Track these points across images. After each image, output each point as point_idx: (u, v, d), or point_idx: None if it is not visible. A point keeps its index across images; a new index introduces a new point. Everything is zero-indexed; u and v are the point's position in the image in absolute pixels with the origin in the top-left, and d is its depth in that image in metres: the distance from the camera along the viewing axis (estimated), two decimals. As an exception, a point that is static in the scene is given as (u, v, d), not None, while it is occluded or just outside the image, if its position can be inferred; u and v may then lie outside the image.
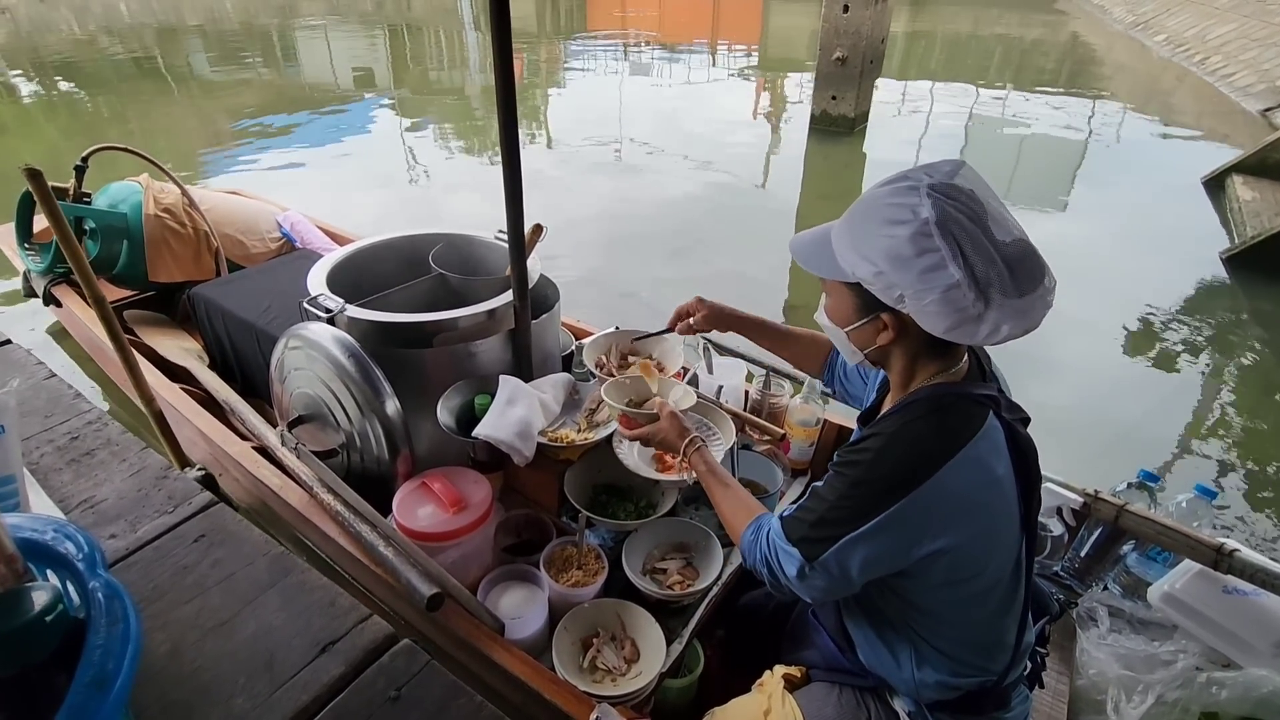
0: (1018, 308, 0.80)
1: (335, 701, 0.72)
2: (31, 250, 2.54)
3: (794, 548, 0.91)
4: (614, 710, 1.08)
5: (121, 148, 2.29)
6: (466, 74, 9.24)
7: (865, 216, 0.86)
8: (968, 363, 0.94)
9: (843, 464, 0.92)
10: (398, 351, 1.49)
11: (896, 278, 0.82)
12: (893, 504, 0.84)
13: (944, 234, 0.79)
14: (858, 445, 0.92)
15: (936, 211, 0.79)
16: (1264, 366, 3.21)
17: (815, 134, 6.14)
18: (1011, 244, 0.81)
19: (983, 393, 0.90)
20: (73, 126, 6.48)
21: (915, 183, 0.82)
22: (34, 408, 1.12)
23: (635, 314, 3.30)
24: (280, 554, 0.88)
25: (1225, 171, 4.89)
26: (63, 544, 0.56)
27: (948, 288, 0.79)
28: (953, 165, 0.85)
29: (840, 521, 0.87)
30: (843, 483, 0.89)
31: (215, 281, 2.26)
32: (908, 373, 0.94)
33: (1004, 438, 0.90)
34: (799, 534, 0.92)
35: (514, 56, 6.41)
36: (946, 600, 0.93)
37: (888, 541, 0.86)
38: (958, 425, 0.87)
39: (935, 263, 0.79)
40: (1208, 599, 1.39)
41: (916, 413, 0.89)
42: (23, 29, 11.25)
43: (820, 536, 0.89)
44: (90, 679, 0.46)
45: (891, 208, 0.82)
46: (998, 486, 0.88)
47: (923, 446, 0.85)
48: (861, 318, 0.91)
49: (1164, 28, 11.17)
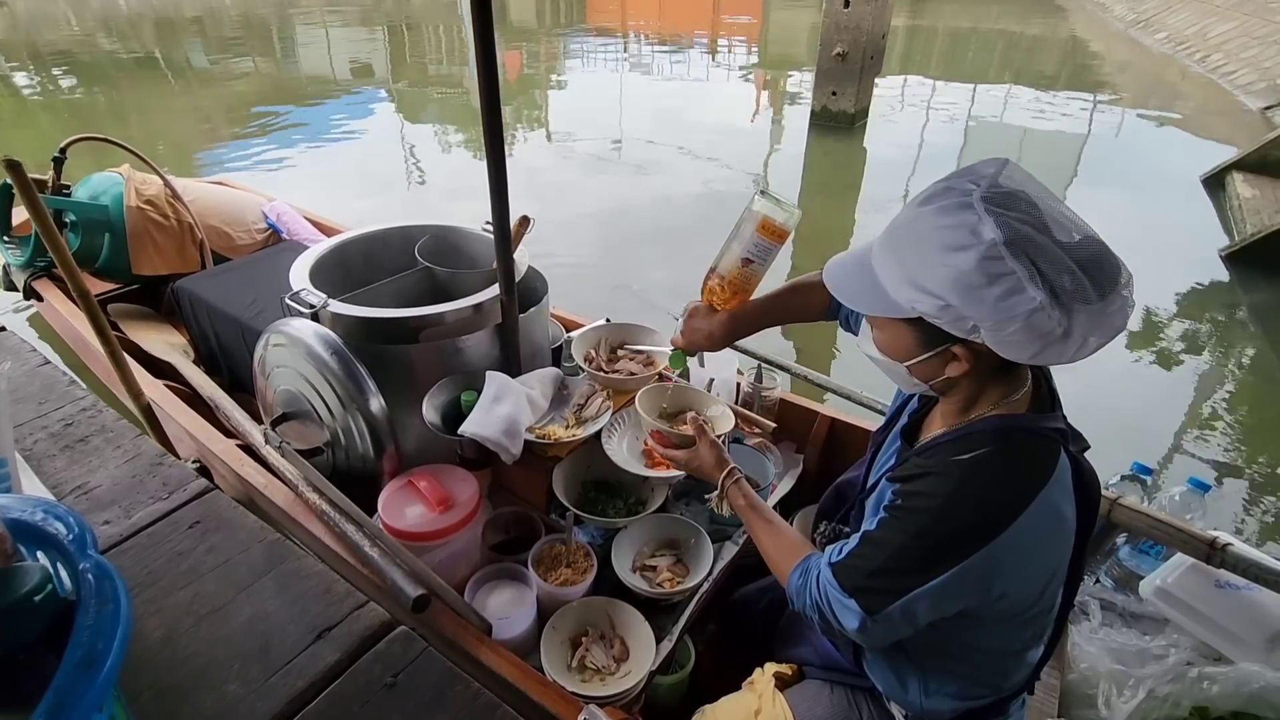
0: (1102, 314, 0.72)
1: (331, 688, 0.72)
2: (10, 244, 2.50)
3: (851, 599, 0.84)
4: (601, 711, 1.07)
5: (101, 138, 2.24)
6: (465, 70, 9.20)
7: (916, 243, 0.76)
8: (1031, 385, 0.88)
9: (902, 508, 0.83)
10: (383, 347, 1.46)
11: (968, 310, 0.72)
12: (965, 558, 0.77)
13: (1015, 254, 0.70)
14: (914, 484, 0.83)
15: (1003, 230, 0.70)
16: (1261, 362, 3.22)
17: (815, 129, 6.13)
18: (1080, 244, 0.72)
19: (1052, 426, 0.84)
20: (68, 120, 6.44)
21: (964, 196, 0.73)
22: (28, 394, 1.12)
23: (627, 306, 3.29)
24: (275, 540, 0.88)
25: (1225, 169, 4.89)
26: (52, 524, 0.55)
27: (1030, 313, 0.70)
28: (996, 165, 0.76)
29: (905, 573, 0.80)
30: (904, 531, 0.81)
31: (200, 275, 2.22)
32: (971, 400, 0.87)
33: (1070, 476, 0.84)
34: (855, 583, 0.84)
35: (514, 51, 6.34)
36: (983, 635, 0.89)
37: (958, 593, 0.80)
38: (1032, 470, 0.80)
39: (1012, 287, 0.70)
40: (1200, 593, 1.38)
41: (982, 451, 0.81)
42: (20, 23, 11.19)
43: (882, 588, 0.82)
44: (79, 659, 0.46)
45: (947, 230, 0.73)
46: (1065, 533, 0.83)
47: (996, 496, 0.78)
48: (925, 351, 0.82)
49: (1165, 25, 11.15)
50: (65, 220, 2.30)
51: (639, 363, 1.63)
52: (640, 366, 1.61)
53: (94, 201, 2.30)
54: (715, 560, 1.39)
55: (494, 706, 0.72)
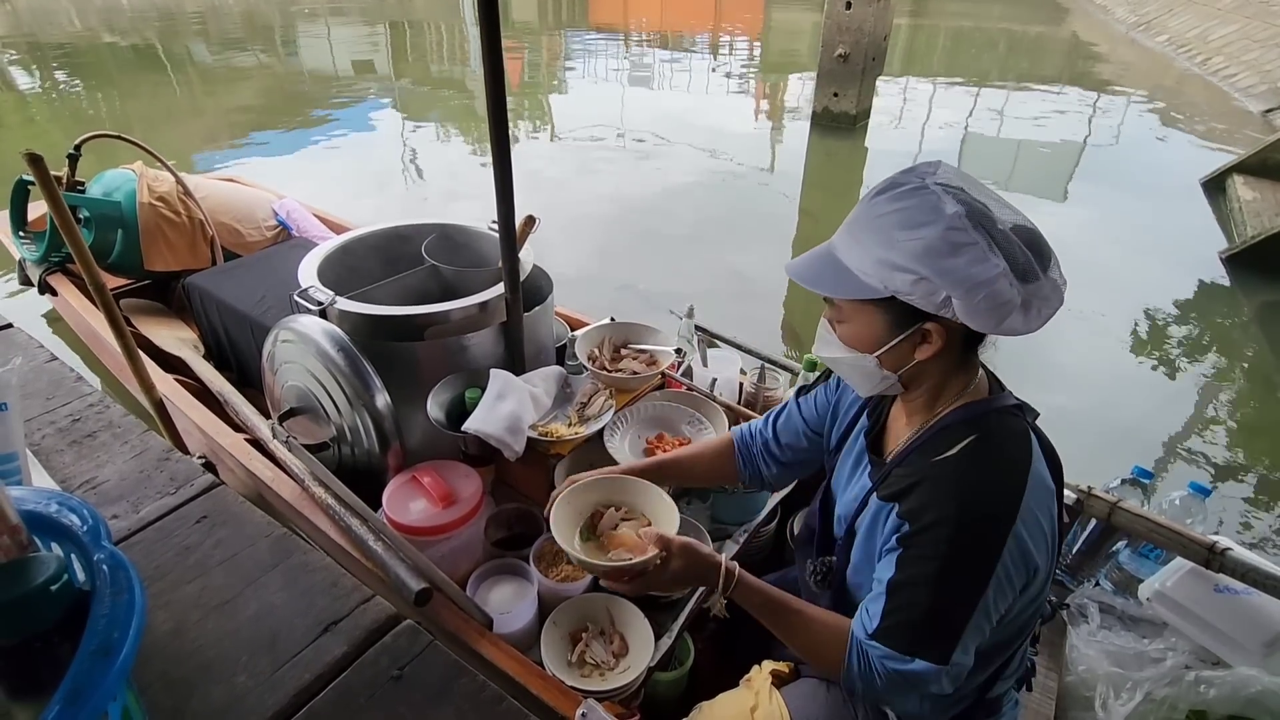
0: (1046, 288, 0.78)
1: (338, 680, 0.72)
2: (26, 239, 2.53)
3: (914, 660, 0.79)
4: (600, 706, 1.08)
5: (115, 135, 2.27)
6: (468, 69, 9.20)
7: (878, 226, 0.80)
8: (984, 374, 0.90)
9: (918, 535, 0.80)
10: (389, 345, 1.48)
11: (940, 280, 0.76)
12: (999, 555, 0.77)
13: (975, 224, 0.75)
14: (914, 500, 0.82)
15: (962, 205, 0.76)
16: (1262, 366, 3.22)
17: (817, 131, 6.14)
18: (1017, 227, 0.79)
19: (1013, 403, 0.87)
20: (71, 117, 6.46)
21: (917, 183, 0.79)
22: (35, 390, 1.13)
23: (632, 306, 3.31)
24: (282, 535, 0.88)
25: (1226, 172, 4.90)
26: (66, 516, 0.56)
27: (995, 278, 0.75)
28: (933, 165, 0.82)
29: (957, 602, 0.78)
30: (933, 559, 0.79)
31: (210, 271, 2.25)
32: (936, 391, 0.89)
33: (1039, 448, 0.86)
34: (914, 640, 0.79)
35: (517, 54, 6.36)
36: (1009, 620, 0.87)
37: (1010, 581, 0.79)
38: (1015, 449, 0.82)
39: (976, 255, 0.75)
40: (1199, 597, 1.39)
41: (966, 442, 0.82)
42: (23, 20, 11.20)
43: (943, 631, 0.78)
44: (95, 647, 0.47)
45: (908, 211, 0.78)
46: (1052, 497, 0.84)
47: (999, 484, 0.80)
48: (897, 335, 0.84)
49: (1166, 28, 11.16)
50: (79, 216, 2.32)
51: (642, 362, 1.64)
52: (643, 366, 1.62)
53: (107, 198, 2.32)
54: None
55: (499, 699, 0.73)
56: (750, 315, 3.19)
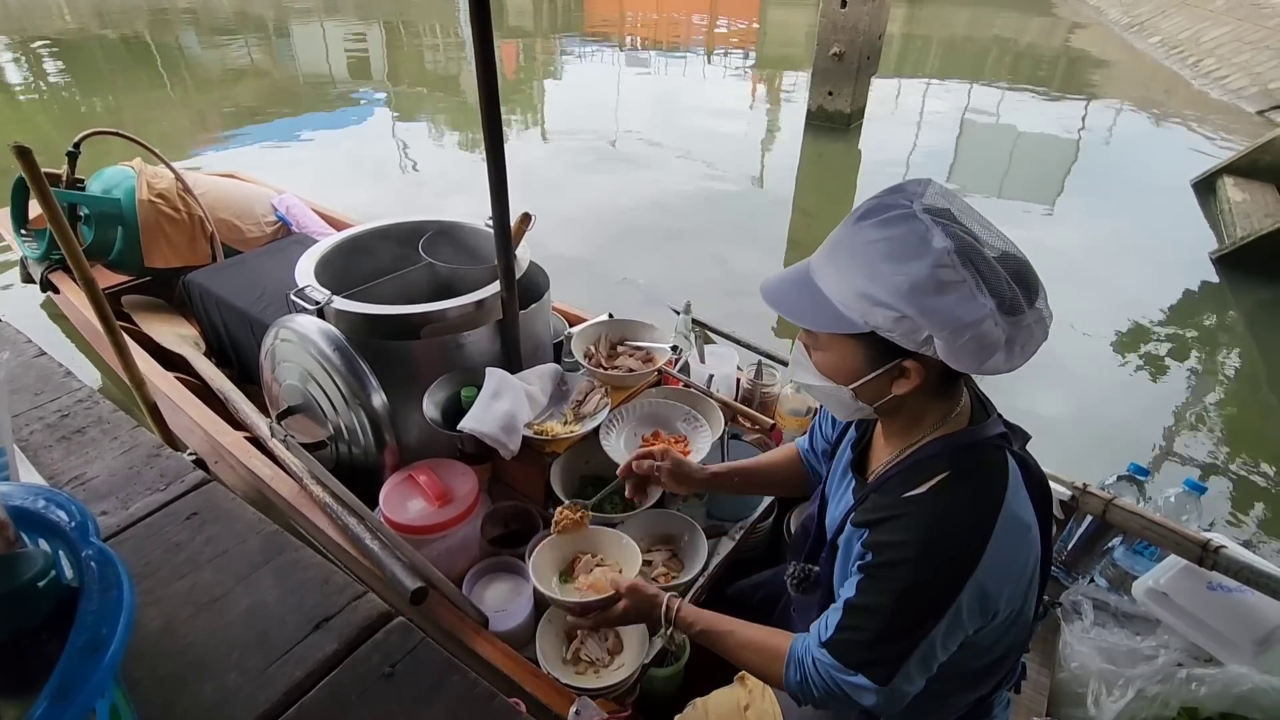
0: (1033, 322, 0.75)
1: (329, 677, 0.72)
2: (27, 236, 2.52)
3: (858, 675, 0.81)
4: (593, 703, 1.08)
5: (114, 132, 2.27)
6: (463, 65, 9.17)
7: (862, 255, 0.76)
8: (968, 399, 0.88)
9: (880, 567, 0.81)
10: (385, 343, 1.48)
11: (923, 320, 0.73)
12: (955, 596, 0.76)
13: (964, 262, 0.71)
14: (883, 533, 0.82)
15: (952, 239, 0.72)
16: (1252, 365, 3.25)
17: (811, 129, 6.14)
18: (1005, 256, 0.75)
19: (995, 433, 0.85)
20: (62, 112, 6.40)
21: (906, 208, 0.74)
22: (23, 385, 1.11)
23: (630, 301, 3.31)
24: (274, 532, 0.88)
25: (1216, 173, 4.94)
26: (54, 512, 0.55)
27: (981, 320, 0.72)
28: (923, 183, 0.78)
29: (904, 633, 0.79)
30: (889, 593, 0.79)
31: (210, 268, 2.25)
32: (915, 419, 0.87)
33: (1021, 477, 0.84)
34: (859, 658, 0.81)
35: (510, 49, 6.33)
36: (978, 651, 0.88)
37: (959, 626, 0.79)
38: (990, 487, 0.80)
39: (964, 295, 0.71)
40: (1192, 595, 1.39)
41: (938, 480, 0.81)
42: (13, 12, 11.09)
43: (888, 656, 0.79)
44: (83, 643, 0.46)
45: (894, 241, 0.73)
46: (1031, 537, 0.83)
47: (964, 526, 0.78)
48: (873, 370, 0.81)
49: (1159, 30, 11.23)
50: (80, 214, 2.32)
51: (638, 359, 1.63)
52: (639, 363, 1.62)
53: (107, 195, 2.32)
54: (711, 556, 1.39)
55: (490, 696, 0.72)
56: (746, 310, 3.19)
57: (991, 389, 0.94)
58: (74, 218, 2.31)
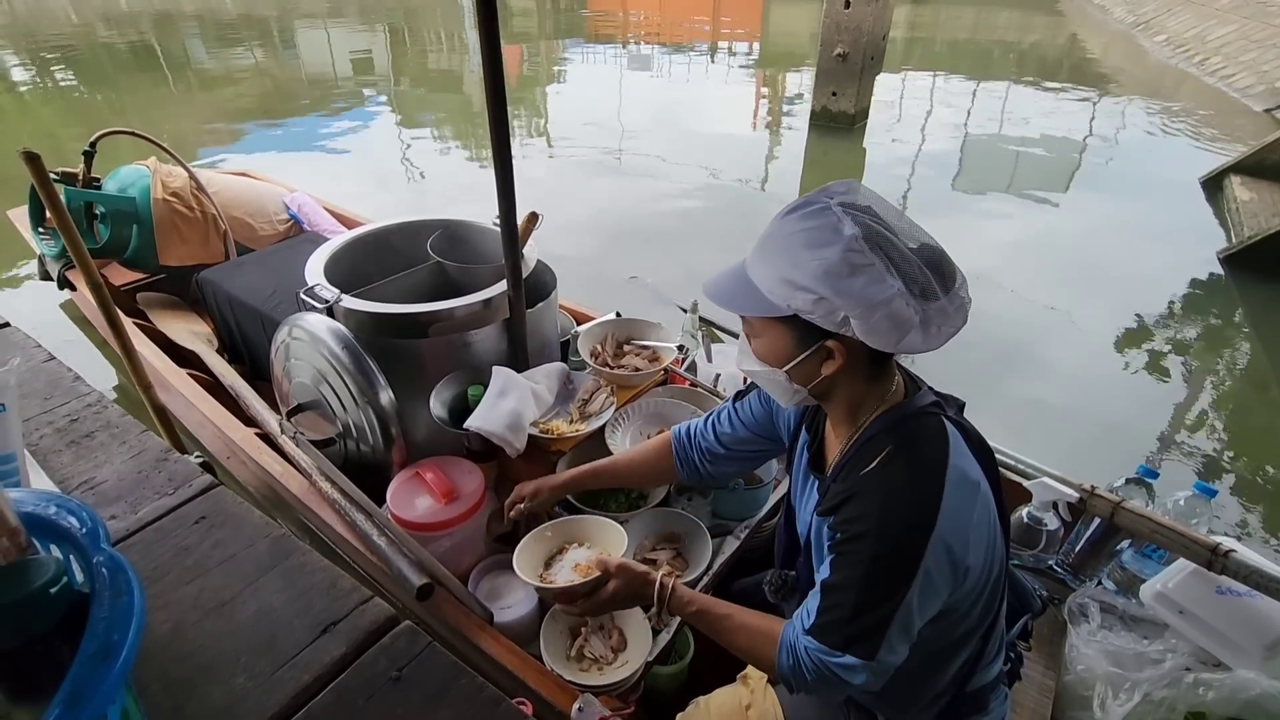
0: (948, 308, 0.81)
1: (337, 681, 0.72)
2: (45, 235, 2.56)
3: (845, 655, 0.84)
4: (596, 700, 1.09)
5: (130, 132, 2.30)
6: (466, 68, 9.19)
7: (784, 245, 0.83)
8: (900, 378, 0.94)
9: (846, 543, 0.85)
10: (394, 342, 1.49)
11: (839, 300, 0.79)
12: (920, 558, 0.80)
13: (872, 247, 0.78)
14: (843, 513, 0.87)
15: (860, 228, 0.79)
16: (1260, 365, 3.23)
17: (815, 130, 6.13)
18: (921, 249, 0.81)
19: (928, 402, 0.90)
20: (72, 116, 6.44)
21: (823, 204, 0.81)
22: (33, 390, 1.12)
23: (638, 300, 3.30)
24: (281, 536, 0.88)
25: (1223, 172, 4.91)
26: (65, 518, 0.56)
27: (890, 299, 0.78)
28: (847, 185, 0.85)
29: (880, 603, 0.82)
30: (856, 564, 0.84)
31: (222, 266, 2.27)
32: (854, 403, 0.92)
33: (961, 439, 0.88)
34: (842, 637, 0.85)
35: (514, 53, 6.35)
36: (958, 619, 0.91)
37: (934, 590, 0.83)
38: (931, 450, 0.85)
39: (873, 276, 0.78)
40: (1200, 599, 1.38)
41: (884, 453, 0.86)
42: (19, 17, 11.16)
43: (867, 629, 0.83)
44: (95, 650, 0.46)
45: (811, 231, 0.81)
46: (981, 491, 0.87)
47: (915, 489, 0.83)
48: (802, 351, 0.88)
49: (1164, 28, 11.17)
50: (96, 212, 2.35)
51: (645, 358, 1.64)
52: (646, 362, 1.62)
53: (122, 194, 2.35)
54: (715, 554, 1.40)
55: (498, 700, 0.72)
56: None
57: (993, 388, 0.94)
58: (90, 216, 2.35)
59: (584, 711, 1.06)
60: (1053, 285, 3.64)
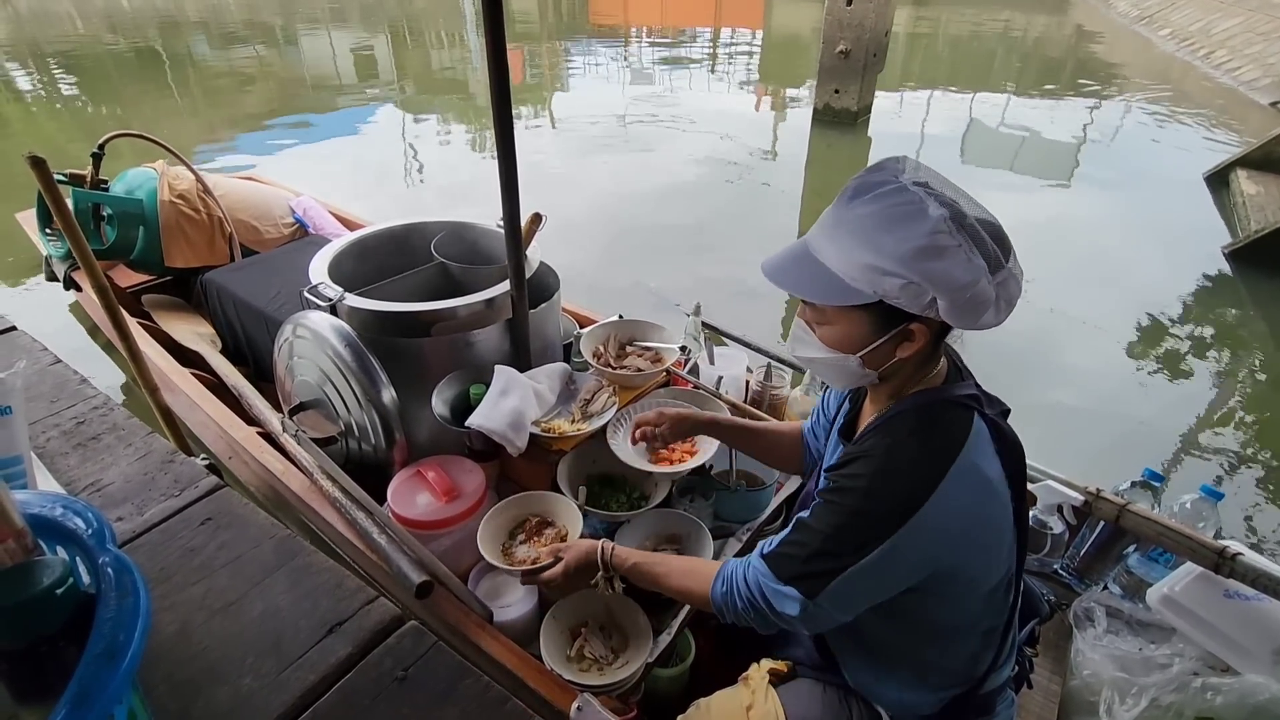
0: (1010, 278, 0.80)
1: (343, 681, 0.72)
2: (52, 236, 2.58)
3: (788, 586, 0.86)
4: (595, 700, 1.08)
5: (138, 134, 2.33)
6: (469, 69, 9.20)
7: (860, 229, 0.80)
8: (945, 362, 0.93)
9: (833, 491, 0.86)
10: (396, 341, 1.50)
11: (927, 283, 0.77)
12: (894, 531, 0.80)
13: (958, 227, 0.76)
14: (844, 470, 0.87)
15: (945, 207, 0.77)
16: (1267, 362, 3.20)
17: (818, 127, 6.12)
18: (983, 221, 0.80)
19: (965, 394, 0.88)
20: (75, 120, 6.47)
21: (895, 183, 0.79)
22: (40, 393, 1.13)
23: (641, 303, 3.32)
24: (286, 537, 0.88)
25: (1229, 166, 4.88)
26: (71, 520, 0.56)
27: (978, 279, 0.76)
28: (900, 160, 0.82)
29: (839, 554, 0.83)
30: (836, 513, 0.84)
31: (226, 267, 2.28)
32: (904, 381, 0.91)
33: (990, 438, 0.87)
34: (792, 571, 0.86)
35: (515, 50, 6.30)
36: (946, 612, 0.91)
37: (893, 568, 0.83)
38: (946, 437, 0.84)
39: (962, 258, 0.76)
40: (1207, 602, 1.36)
41: (903, 428, 0.86)
42: (24, 21, 11.23)
43: (819, 571, 0.84)
44: (101, 650, 0.47)
45: (890, 212, 0.78)
46: (993, 491, 0.85)
47: (916, 467, 0.82)
48: (880, 336, 0.85)
49: (1169, 22, 11.11)
50: (103, 214, 2.37)
51: (647, 359, 1.63)
52: (648, 363, 1.62)
53: (129, 196, 2.37)
54: (717, 557, 1.39)
55: (503, 699, 0.72)
56: (754, 312, 3.19)
57: (992, 387, 0.94)
58: (97, 218, 2.37)
59: (583, 711, 1.06)
60: (1054, 284, 3.61)
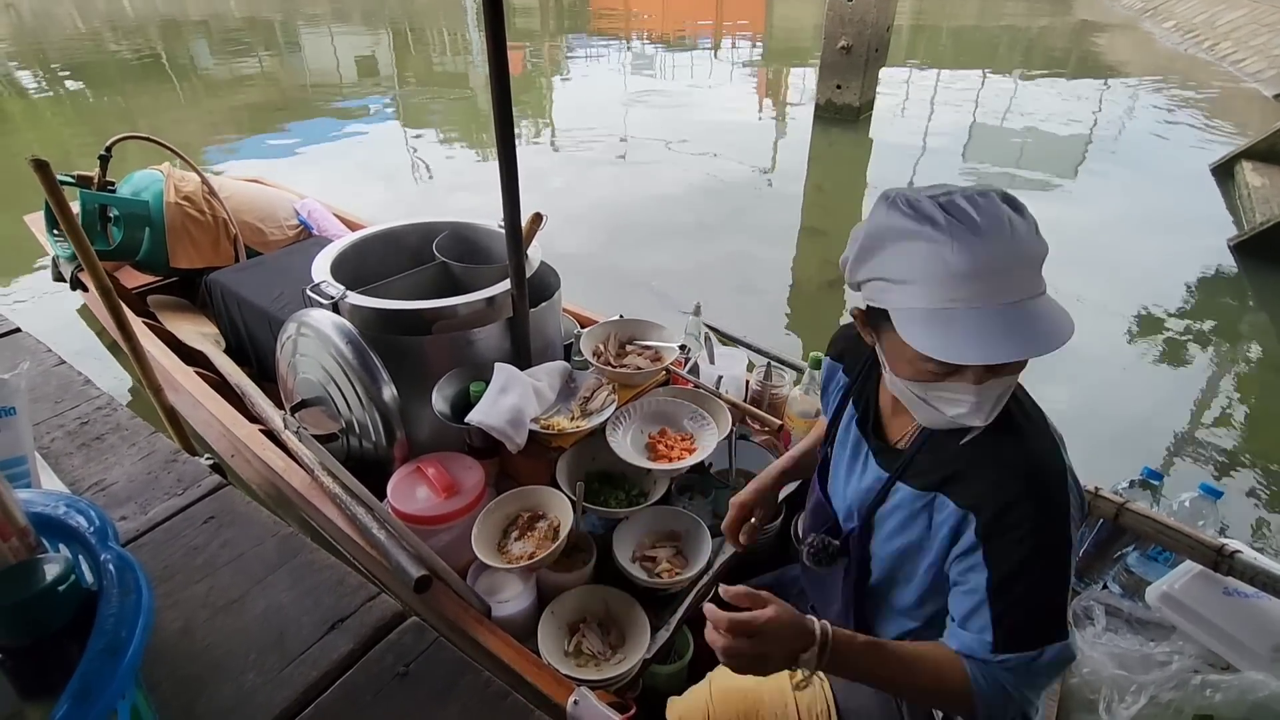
0: None
1: (345, 677, 0.73)
2: (59, 237, 2.60)
3: (1046, 650, 0.78)
4: (592, 694, 1.09)
5: (144, 137, 2.35)
6: (470, 69, 9.20)
7: (1029, 251, 0.76)
8: None
9: (998, 528, 0.79)
10: (398, 338, 1.51)
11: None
12: (1069, 511, 0.80)
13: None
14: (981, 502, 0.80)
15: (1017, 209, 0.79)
16: (1271, 357, 3.17)
17: (820, 123, 6.10)
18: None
19: None
20: (74, 120, 6.50)
21: (982, 199, 0.76)
22: (44, 394, 1.14)
23: (641, 302, 3.32)
24: (289, 534, 0.89)
25: (1234, 158, 4.85)
26: (74, 518, 0.57)
27: None
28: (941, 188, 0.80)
29: (1059, 577, 0.79)
30: (1025, 546, 0.78)
31: (230, 268, 2.30)
32: None
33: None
34: (1036, 635, 0.78)
35: (515, 49, 6.31)
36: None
37: (1075, 521, 0.82)
38: (1030, 407, 0.87)
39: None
40: (1207, 600, 1.36)
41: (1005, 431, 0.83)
42: (26, 24, 11.27)
43: (1057, 612, 0.78)
44: (103, 647, 0.47)
45: (1022, 224, 0.76)
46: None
47: (1042, 446, 0.83)
48: None
49: (1173, 14, 11.04)
50: (110, 215, 2.39)
51: (647, 358, 1.64)
52: (648, 362, 1.62)
53: (136, 197, 2.39)
54: (716, 555, 1.40)
55: (504, 694, 0.73)
56: (755, 311, 3.19)
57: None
58: (104, 219, 2.39)
59: (580, 704, 1.06)
60: (1056, 278, 3.57)
